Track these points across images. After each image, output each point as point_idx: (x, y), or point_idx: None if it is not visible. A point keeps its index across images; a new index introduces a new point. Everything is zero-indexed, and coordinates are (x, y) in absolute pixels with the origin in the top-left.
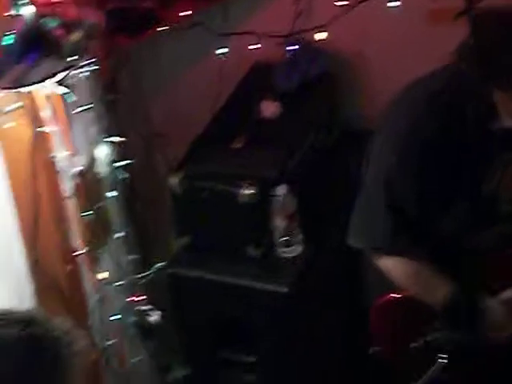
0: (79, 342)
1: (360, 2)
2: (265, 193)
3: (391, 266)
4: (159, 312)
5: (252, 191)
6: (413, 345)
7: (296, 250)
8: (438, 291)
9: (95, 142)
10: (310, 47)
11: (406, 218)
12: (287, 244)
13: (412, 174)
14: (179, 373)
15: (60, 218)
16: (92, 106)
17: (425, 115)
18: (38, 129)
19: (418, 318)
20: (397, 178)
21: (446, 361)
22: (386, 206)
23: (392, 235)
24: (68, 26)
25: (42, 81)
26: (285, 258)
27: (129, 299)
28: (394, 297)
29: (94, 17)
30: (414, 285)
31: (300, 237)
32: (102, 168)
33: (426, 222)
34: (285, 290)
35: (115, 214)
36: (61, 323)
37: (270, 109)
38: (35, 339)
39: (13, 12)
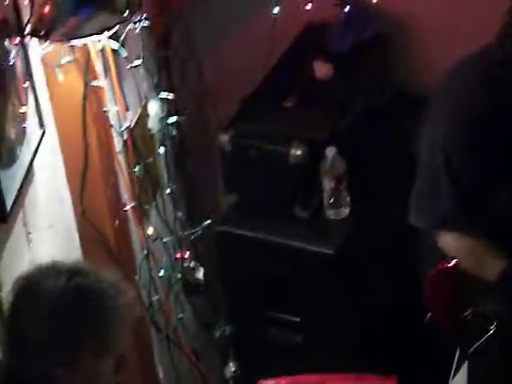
0: (126, 294)
1: None
2: (314, 153)
3: (449, 242)
4: (205, 269)
5: (301, 151)
6: (465, 314)
7: (343, 212)
8: (493, 267)
9: (146, 98)
10: (364, 9)
11: (463, 191)
12: (335, 206)
13: (468, 146)
14: (224, 330)
15: (109, 172)
16: (144, 61)
17: (478, 90)
18: (90, 83)
19: (471, 288)
20: (453, 148)
21: (495, 331)
22: (444, 175)
23: (452, 212)
24: None
25: (95, 34)
26: (332, 219)
27: (176, 256)
28: (448, 266)
29: None
30: (470, 261)
31: (348, 199)
32: (153, 124)
33: (482, 196)
34: (331, 251)
35: (164, 170)
36: (108, 275)
37: (322, 70)
38: (81, 290)
39: None
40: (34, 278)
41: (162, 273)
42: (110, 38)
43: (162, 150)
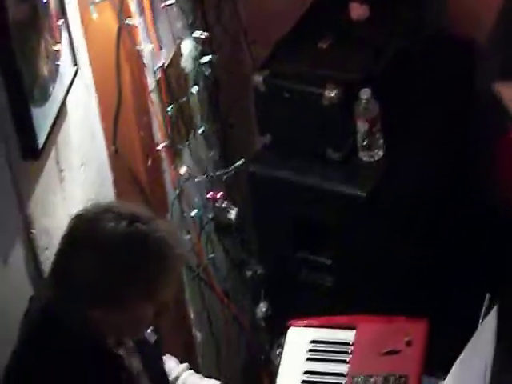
0: (181, 246)
1: None
2: (348, 95)
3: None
4: (237, 209)
5: (336, 93)
6: None
7: (377, 154)
8: None
9: (180, 37)
10: None
11: None
12: (368, 148)
13: None
14: (255, 271)
15: (142, 111)
16: (178, 0)
17: None
18: (124, 21)
19: None
20: None
21: None
22: None
23: None
24: None
25: None
26: (365, 162)
27: (208, 195)
28: None
29: None
30: None
31: (381, 141)
32: (187, 63)
33: None
34: (364, 193)
35: (198, 110)
36: (166, 224)
37: (358, 11)
38: (140, 236)
39: None
40: (95, 217)
41: (193, 213)
42: None
43: (195, 89)
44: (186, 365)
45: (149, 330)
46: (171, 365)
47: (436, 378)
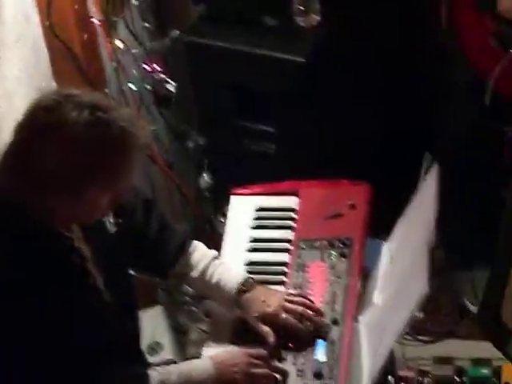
0: (144, 132)
1: None
2: None
3: None
4: (176, 81)
5: None
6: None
7: (314, 19)
8: None
9: None
10: None
11: None
12: (304, 12)
13: None
14: (197, 141)
15: None
16: None
17: None
18: None
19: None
20: None
21: None
22: None
23: None
24: None
25: None
26: (302, 27)
27: (145, 68)
28: None
29: None
30: None
31: (317, 6)
32: None
33: None
34: (302, 58)
35: None
36: (126, 111)
37: None
38: (104, 126)
39: None
40: (55, 107)
41: (132, 85)
42: None
43: None
44: (214, 253)
45: (111, 220)
46: (196, 257)
47: (380, 239)
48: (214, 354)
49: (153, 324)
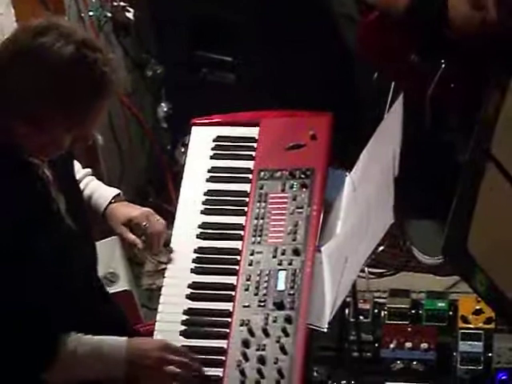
0: (120, 86)
1: None
2: None
3: None
4: (135, 9)
5: None
6: (412, 56)
7: None
8: None
9: None
10: None
11: None
12: None
13: None
14: (155, 70)
15: None
16: None
17: None
18: None
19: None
20: None
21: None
22: None
23: None
24: None
25: None
26: None
27: None
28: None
29: None
30: None
31: None
32: None
33: None
34: None
35: None
36: (110, 57)
37: None
38: (87, 65)
39: None
40: (40, 32)
41: (91, 12)
42: None
43: None
44: (88, 170)
45: None
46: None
47: (343, 169)
48: (134, 339)
49: (108, 254)
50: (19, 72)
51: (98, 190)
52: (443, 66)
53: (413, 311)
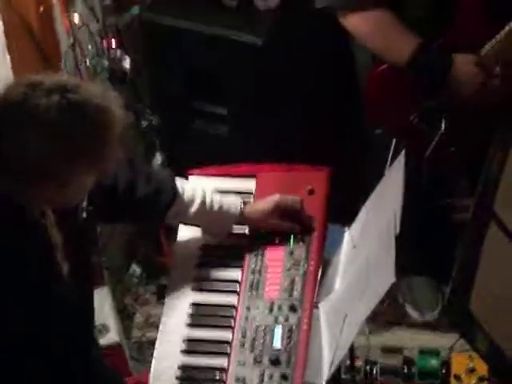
0: (116, 107)
1: None
2: None
3: (357, 22)
4: (132, 58)
5: None
6: (412, 116)
7: (273, 1)
8: (404, 46)
9: None
10: None
11: None
12: None
13: None
14: (150, 120)
15: None
16: None
17: None
18: None
19: (408, 87)
20: None
21: (446, 125)
22: None
23: None
24: None
25: None
26: (262, 9)
27: (102, 44)
28: (383, 68)
29: None
30: (380, 40)
31: None
32: None
33: None
34: (260, 41)
35: None
36: (95, 87)
37: None
38: (78, 107)
39: None
40: (22, 98)
41: (88, 61)
42: None
43: None
44: (201, 187)
45: (83, 206)
46: (188, 194)
47: (341, 225)
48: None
49: (99, 305)
50: (18, 145)
51: (224, 201)
52: (443, 128)
53: (405, 369)
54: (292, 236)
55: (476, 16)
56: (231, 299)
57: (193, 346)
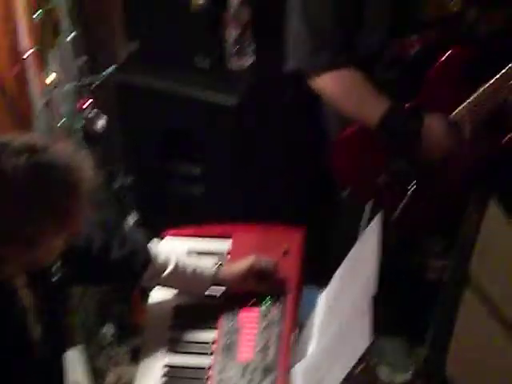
0: (85, 167)
1: None
2: (217, 1)
3: (328, 82)
4: (106, 118)
5: None
6: (380, 178)
7: (247, 61)
8: (375, 108)
9: None
10: None
11: (326, 35)
12: (238, 54)
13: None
14: (124, 181)
15: (8, 18)
16: None
17: None
18: None
19: (377, 149)
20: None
21: (413, 188)
22: (304, 25)
23: (312, 53)
24: None
25: None
26: (235, 69)
27: (76, 104)
28: (351, 130)
29: None
30: (350, 101)
31: (251, 48)
32: None
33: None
34: (233, 102)
35: (65, 15)
36: (63, 148)
37: None
38: (45, 167)
39: None
40: None
41: (61, 122)
42: None
43: None
44: (175, 252)
45: (56, 266)
46: (161, 259)
47: (316, 287)
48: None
49: (71, 364)
50: None
51: (198, 264)
52: (413, 188)
53: None
54: (267, 297)
55: (448, 79)
56: (205, 361)
57: None
